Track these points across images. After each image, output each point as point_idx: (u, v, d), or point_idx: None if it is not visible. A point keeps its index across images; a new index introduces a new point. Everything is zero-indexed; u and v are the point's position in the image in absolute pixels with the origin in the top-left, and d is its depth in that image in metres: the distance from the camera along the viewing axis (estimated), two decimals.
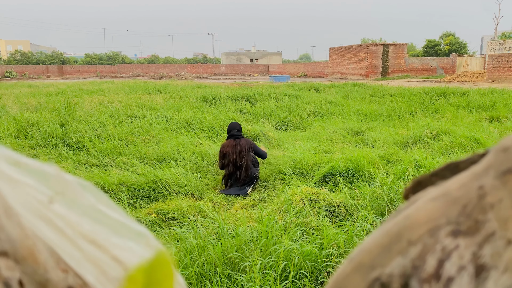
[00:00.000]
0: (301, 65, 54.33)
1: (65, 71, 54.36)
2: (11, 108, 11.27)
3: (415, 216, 0.32)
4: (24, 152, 6.44)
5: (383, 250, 0.31)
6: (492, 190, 0.30)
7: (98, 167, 5.81)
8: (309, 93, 15.24)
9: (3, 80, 39.60)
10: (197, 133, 8.02)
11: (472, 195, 0.31)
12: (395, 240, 0.31)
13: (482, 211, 0.30)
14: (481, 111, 10.62)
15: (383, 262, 0.31)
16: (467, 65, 36.67)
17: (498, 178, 0.30)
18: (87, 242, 0.28)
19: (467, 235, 0.30)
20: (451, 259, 0.30)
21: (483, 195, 0.30)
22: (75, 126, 7.81)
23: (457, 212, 0.30)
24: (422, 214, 0.31)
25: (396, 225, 0.32)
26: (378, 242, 0.32)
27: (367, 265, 0.31)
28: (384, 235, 0.32)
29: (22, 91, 17.69)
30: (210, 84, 23.02)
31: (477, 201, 0.30)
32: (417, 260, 0.30)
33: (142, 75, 49.34)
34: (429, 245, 0.30)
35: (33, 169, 0.30)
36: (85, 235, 0.29)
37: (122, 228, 0.31)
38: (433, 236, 0.30)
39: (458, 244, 0.30)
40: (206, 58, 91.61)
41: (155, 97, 14.15)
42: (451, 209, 0.31)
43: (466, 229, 0.30)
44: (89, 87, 20.28)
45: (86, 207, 0.30)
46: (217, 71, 59.72)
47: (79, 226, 0.29)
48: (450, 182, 0.33)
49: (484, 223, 0.30)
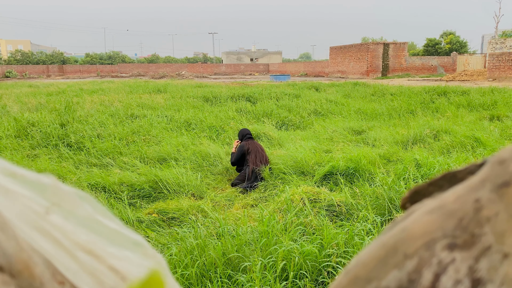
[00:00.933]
0: (301, 64, 54.28)
1: (65, 71, 54.35)
2: (11, 108, 11.27)
3: (411, 229, 0.31)
4: (24, 152, 6.45)
5: (379, 263, 0.31)
6: (489, 203, 0.30)
7: (99, 167, 5.81)
8: (309, 92, 15.23)
9: (3, 80, 39.61)
10: (197, 132, 8.02)
11: (468, 208, 0.30)
12: (391, 253, 0.31)
13: (478, 225, 0.30)
14: (481, 110, 10.60)
15: (379, 275, 0.31)
16: (468, 64, 36.61)
17: (495, 191, 0.30)
18: (84, 253, 0.28)
19: (463, 249, 0.30)
20: (448, 273, 0.29)
21: (479, 208, 0.30)
22: (76, 126, 7.82)
23: (453, 225, 0.30)
24: (418, 227, 0.31)
25: (392, 237, 0.32)
26: (374, 255, 0.32)
27: (363, 278, 0.31)
28: (380, 248, 0.32)
29: (23, 91, 17.69)
30: (211, 83, 23.02)
31: (474, 214, 0.30)
32: (413, 273, 0.30)
33: (143, 75, 49.33)
34: (425, 258, 0.30)
35: (29, 180, 0.29)
36: (82, 246, 0.29)
37: (119, 237, 0.31)
38: (429, 249, 0.30)
39: (455, 257, 0.30)
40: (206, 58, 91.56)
41: (156, 96, 14.14)
42: (447, 222, 0.30)
43: (462, 243, 0.30)
44: (89, 86, 20.28)
45: (83, 218, 0.30)
46: (218, 71, 59.69)
47: (76, 236, 0.29)
48: (447, 194, 0.33)
49: (480, 237, 0.29)
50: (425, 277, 0.30)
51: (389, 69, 37.02)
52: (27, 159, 5.97)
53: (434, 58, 39.75)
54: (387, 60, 36.91)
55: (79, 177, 5.07)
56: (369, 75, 36.04)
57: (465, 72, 29.47)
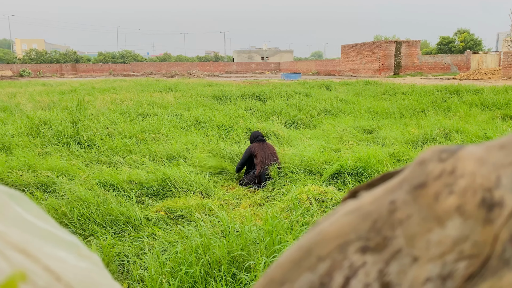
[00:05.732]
0: (312, 63, 54.04)
1: (78, 70, 54.92)
2: (25, 106, 11.44)
3: (326, 231, 0.31)
4: (36, 150, 6.54)
5: (294, 265, 0.30)
6: (403, 205, 0.29)
7: (108, 164, 5.86)
8: (320, 91, 15.16)
9: (18, 78, 40.20)
10: (206, 131, 8.04)
11: (383, 210, 0.30)
12: (305, 255, 0.30)
13: (391, 227, 0.29)
14: (494, 109, 10.44)
15: (292, 278, 0.30)
16: (482, 62, 36.05)
17: (410, 193, 0.29)
18: (16, 252, 0.28)
19: (375, 252, 0.29)
20: (357, 276, 0.29)
21: (393, 210, 0.29)
22: (87, 124, 7.90)
23: (367, 228, 0.29)
24: (333, 228, 0.30)
25: (309, 239, 0.31)
26: (290, 257, 0.31)
27: (277, 280, 0.31)
28: (296, 250, 0.31)
29: (36, 90, 17.93)
30: (221, 82, 23.06)
31: (387, 216, 0.29)
32: (325, 276, 0.29)
33: (154, 73, 49.63)
34: (338, 261, 0.29)
35: None
36: (15, 245, 0.28)
37: (53, 238, 0.31)
38: (342, 252, 0.29)
39: (366, 261, 0.29)
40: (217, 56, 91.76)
41: (166, 95, 14.22)
42: (362, 224, 0.30)
43: (374, 246, 0.29)
44: (101, 85, 20.47)
45: (14, 218, 0.30)
46: (229, 69, 59.76)
47: (7, 236, 0.28)
48: (366, 195, 0.32)
49: (392, 240, 0.29)
50: (336, 281, 0.29)
51: (402, 67, 36.65)
52: (38, 157, 6.04)
53: (447, 56, 39.24)
54: (399, 59, 36.54)
55: (89, 175, 5.12)
56: (381, 73, 35.73)
57: (479, 70, 29.01)
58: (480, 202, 0.28)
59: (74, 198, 4.13)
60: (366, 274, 0.29)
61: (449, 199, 0.28)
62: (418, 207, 0.29)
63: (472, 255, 0.27)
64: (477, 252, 0.27)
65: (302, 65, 56.39)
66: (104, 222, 3.86)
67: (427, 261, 0.28)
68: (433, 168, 0.30)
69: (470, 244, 0.27)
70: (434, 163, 0.30)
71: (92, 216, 3.89)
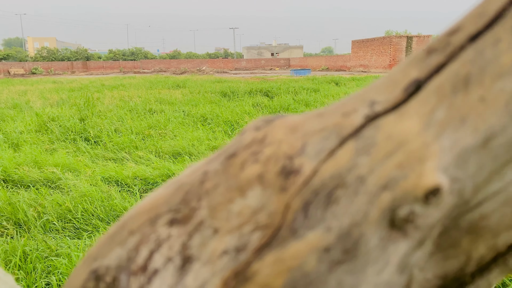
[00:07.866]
0: (322, 58, 53.76)
1: (89, 67, 55.43)
2: (34, 103, 11.57)
3: (142, 204, 0.29)
4: (43, 146, 6.60)
5: (108, 240, 0.29)
6: (213, 176, 0.27)
7: (114, 161, 5.89)
8: (328, 87, 15.07)
9: (30, 76, 40.70)
10: (213, 127, 8.04)
11: (195, 180, 0.28)
12: (119, 230, 0.29)
13: (198, 198, 0.27)
14: None
15: (104, 253, 0.28)
16: None
17: (222, 163, 0.28)
18: None
19: (181, 224, 0.27)
20: (161, 250, 0.27)
21: (203, 180, 0.28)
22: (94, 121, 7.95)
23: (179, 199, 0.28)
24: (148, 201, 0.29)
25: (126, 214, 0.30)
26: (108, 232, 0.30)
27: (92, 256, 0.29)
28: (114, 225, 0.30)
29: (46, 87, 18.13)
30: (230, 78, 23.06)
31: (197, 187, 0.27)
32: (132, 251, 0.28)
33: (164, 70, 49.85)
34: (146, 235, 0.28)
35: None
36: None
37: None
38: (152, 225, 0.28)
39: (171, 233, 0.27)
40: (227, 53, 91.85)
41: (174, 92, 14.26)
42: (174, 196, 0.28)
43: (181, 218, 0.27)
44: (111, 82, 20.62)
45: None
46: (238, 66, 59.76)
47: None
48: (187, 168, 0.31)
49: (196, 211, 0.27)
50: (141, 255, 0.27)
51: None
52: (45, 153, 6.10)
53: None
54: (410, 54, 36.18)
55: (94, 171, 5.15)
56: (391, 69, 35.36)
57: None
58: (280, 170, 0.26)
59: (78, 194, 4.16)
60: (170, 248, 0.27)
61: (252, 168, 0.26)
62: (225, 177, 0.27)
63: (266, 225, 0.25)
64: (270, 222, 0.25)
65: (312, 61, 56.13)
66: (107, 217, 3.88)
67: (226, 233, 0.26)
68: (247, 137, 0.28)
69: (265, 214, 0.25)
70: (250, 132, 0.28)
71: (96, 211, 3.91)
